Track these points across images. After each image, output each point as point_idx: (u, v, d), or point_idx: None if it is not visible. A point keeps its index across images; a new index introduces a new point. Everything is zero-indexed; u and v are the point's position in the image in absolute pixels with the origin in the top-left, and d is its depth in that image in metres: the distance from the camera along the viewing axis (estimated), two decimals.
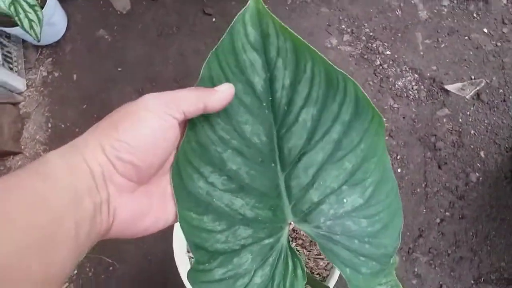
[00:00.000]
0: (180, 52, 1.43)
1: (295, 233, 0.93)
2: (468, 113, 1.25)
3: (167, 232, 0.92)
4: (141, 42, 1.46)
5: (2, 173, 1.39)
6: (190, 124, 0.38)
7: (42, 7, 1.29)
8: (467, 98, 1.26)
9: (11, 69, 1.42)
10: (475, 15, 1.36)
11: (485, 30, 1.33)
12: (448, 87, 1.27)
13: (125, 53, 1.44)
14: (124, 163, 0.32)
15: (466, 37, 1.33)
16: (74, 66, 1.47)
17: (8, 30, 1.34)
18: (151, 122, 0.32)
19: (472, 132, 1.23)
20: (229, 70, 0.38)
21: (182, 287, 0.81)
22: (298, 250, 0.93)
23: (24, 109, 1.45)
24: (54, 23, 1.44)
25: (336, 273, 0.86)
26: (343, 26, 1.39)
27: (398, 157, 1.23)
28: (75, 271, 1.25)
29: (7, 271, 0.24)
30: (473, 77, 1.28)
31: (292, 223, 0.44)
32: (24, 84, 1.46)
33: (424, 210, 1.18)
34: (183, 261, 0.87)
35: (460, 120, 1.24)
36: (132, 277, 1.22)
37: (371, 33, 1.37)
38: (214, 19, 1.45)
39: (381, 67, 1.32)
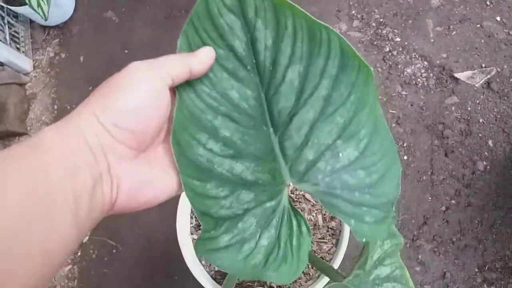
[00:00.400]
0: None
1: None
2: (477, 101, 1.24)
3: (170, 215, 0.92)
4: (149, 24, 1.45)
5: None
6: (178, 94, 0.37)
7: None
8: (477, 86, 1.24)
9: (18, 49, 1.42)
10: (488, 2, 1.33)
11: (498, 18, 1.31)
12: (458, 75, 1.25)
13: (132, 35, 1.44)
14: (120, 130, 0.32)
15: (478, 25, 1.31)
16: (81, 47, 1.47)
17: (15, 9, 1.33)
18: (143, 86, 0.32)
19: (481, 120, 1.22)
20: (207, 36, 0.37)
21: (185, 270, 0.81)
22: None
23: (30, 90, 1.45)
24: (61, 4, 1.44)
25: (340, 257, 0.86)
26: (353, 12, 1.37)
27: (405, 145, 1.22)
28: (79, 253, 1.25)
29: (5, 247, 0.23)
30: (483, 65, 1.26)
31: (291, 184, 0.44)
32: (31, 64, 1.46)
33: (430, 198, 1.17)
34: (186, 243, 0.87)
35: (469, 108, 1.23)
36: (135, 259, 1.23)
37: (381, 19, 1.35)
38: None
39: (390, 54, 1.31)
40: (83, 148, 0.30)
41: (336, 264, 0.86)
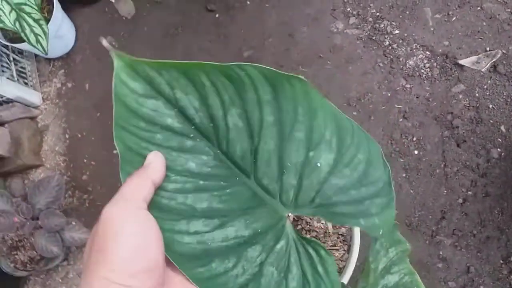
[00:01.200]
0: (186, 51, 1.44)
1: (308, 225, 0.92)
2: (485, 86, 1.20)
3: None
4: (148, 45, 1.47)
5: (27, 186, 1.43)
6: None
7: (48, 21, 1.32)
8: (483, 71, 1.20)
9: (26, 83, 1.46)
10: None
11: None
12: (462, 61, 1.22)
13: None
14: (136, 277, 0.31)
15: (478, 8, 1.27)
16: (86, 75, 1.50)
17: (19, 46, 1.37)
18: (131, 226, 0.32)
19: (491, 106, 1.18)
20: (140, 129, 0.37)
21: None
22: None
23: (41, 122, 1.49)
24: (62, 35, 1.47)
25: (353, 262, 0.84)
26: (349, 9, 1.35)
27: (414, 139, 1.20)
28: None
29: None
30: (488, 48, 1.22)
31: (290, 214, 0.44)
32: (40, 97, 1.50)
33: (445, 191, 1.14)
34: None
35: (477, 94, 1.19)
36: None
37: (377, 14, 1.33)
38: (217, 15, 1.44)
39: (390, 48, 1.28)
40: None
41: (349, 271, 0.85)
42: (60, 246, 1.17)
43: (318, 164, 0.41)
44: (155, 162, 0.36)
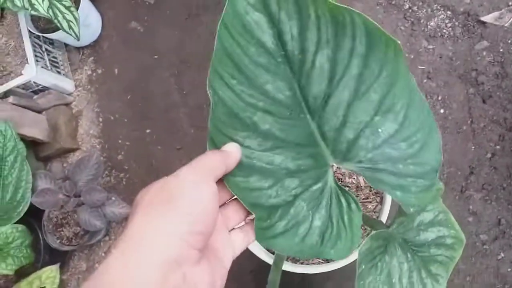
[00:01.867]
0: (210, 31, 1.47)
1: (340, 182, 0.95)
2: (509, 41, 1.19)
3: None
4: (172, 27, 1.51)
5: (66, 169, 1.51)
6: (215, 100, 0.40)
7: (76, 10, 1.37)
8: (507, 26, 1.20)
9: (59, 72, 1.53)
10: None
11: None
12: (484, 18, 1.22)
13: (158, 40, 1.51)
14: (195, 235, 0.33)
15: None
16: (114, 61, 1.56)
17: (50, 36, 1.44)
18: (202, 190, 0.35)
19: None
20: (239, 35, 0.39)
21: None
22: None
23: (76, 108, 1.56)
24: (89, 24, 1.53)
25: (385, 212, 0.87)
26: None
27: (440, 98, 1.21)
28: None
29: None
30: (510, 3, 1.22)
31: (334, 165, 0.46)
32: (73, 85, 1.57)
33: (473, 147, 1.15)
34: None
35: (501, 50, 1.19)
36: None
37: None
38: None
39: (410, 10, 1.29)
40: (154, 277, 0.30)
41: (383, 220, 0.88)
42: (103, 220, 1.24)
43: (380, 130, 0.43)
44: (236, 153, 0.40)
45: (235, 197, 0.42)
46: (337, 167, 0.91)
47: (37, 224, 1.31)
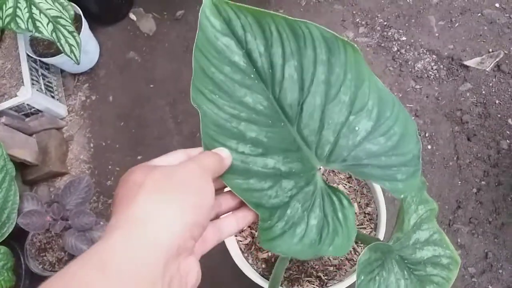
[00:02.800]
0: None
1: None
2: (490, 84, 1.28)
3: None
4: (169, 59, 1.56)
5: (53, 193, 1.48)
6: (201, 111, 0.42)
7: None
8: (488, 70, 1.28)
9: (52, 97, 1.54)
10: None
11: (497, 4, 1.37)
12: (467, 62, 1.30)
13: (155, 71, 1.54)
14: (198, 227, 0.34)
15: (479, 14, 1.37)
16: (109, 88, 1.58)
17: (47, 60, 1.46)
18: (208, 184, 0.36)
19: (497, 101, 1.25)
20: (213, 57, 0.43)
21: (233, 267, 0.85)
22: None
23: (67, 132, 1.55)
24: (88, 51, 1.56)
25: (380, 238, 0.89)
26: (357, 20, 1.45)
27: (427, 135, 1.26)
28: None
29: None
30: (490, 50, 1.31)
31: (321, 167, 0.49)
32: (65, 109, 1.58)
33: (459, 182, 1.20)
34: (232, 244, 0.92)
35: (483, 92, 1.27)
36: None
37: (385, 23, 1.43)
38: None
39: (399, 53, 1.37)
40: (154, 262, 0.30)
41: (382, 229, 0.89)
42: (90, 245, 1.21)
43: (357, 128, 0.47)
44: (227, 159, 0.41)
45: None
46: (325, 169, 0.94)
47: (19, 248, 1.27)
